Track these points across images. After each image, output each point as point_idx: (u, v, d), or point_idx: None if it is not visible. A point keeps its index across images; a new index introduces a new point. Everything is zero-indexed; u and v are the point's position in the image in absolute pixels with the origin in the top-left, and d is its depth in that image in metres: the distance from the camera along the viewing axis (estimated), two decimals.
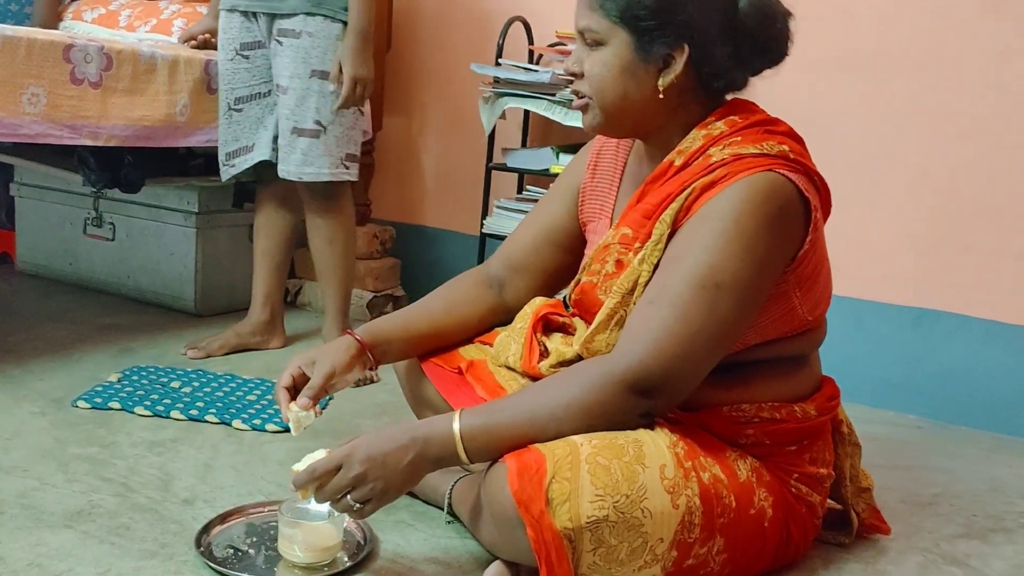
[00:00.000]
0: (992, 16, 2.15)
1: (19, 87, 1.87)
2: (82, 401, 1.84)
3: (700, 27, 1.24)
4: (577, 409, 1.19)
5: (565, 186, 1.51)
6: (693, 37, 1.24)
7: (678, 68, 1.26)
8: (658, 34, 1.24)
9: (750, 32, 1.26)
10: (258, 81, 2.17)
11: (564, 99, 2.34)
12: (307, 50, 2.08)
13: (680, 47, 1.25)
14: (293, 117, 2.10)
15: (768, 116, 1.32)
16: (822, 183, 1.30)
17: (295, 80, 2.09)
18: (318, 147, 2.11)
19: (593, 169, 1.47)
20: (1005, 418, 2.20)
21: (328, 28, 2.08)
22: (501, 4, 2.76)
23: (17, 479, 1.50)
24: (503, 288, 1.53)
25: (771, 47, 1.29)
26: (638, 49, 1.25)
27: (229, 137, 2.20)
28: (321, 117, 2.10)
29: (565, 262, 1.50)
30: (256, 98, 2.18)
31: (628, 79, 1.27)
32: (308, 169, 2.12)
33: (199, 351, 2.22)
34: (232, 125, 2.19)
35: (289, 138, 2.11)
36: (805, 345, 1.36)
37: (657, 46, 1.25)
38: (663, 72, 1.26)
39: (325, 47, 2.08)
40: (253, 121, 2.19)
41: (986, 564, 1.48)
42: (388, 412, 1.98)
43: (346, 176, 2.17)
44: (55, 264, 2.87)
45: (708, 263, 1.19)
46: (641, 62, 1.26)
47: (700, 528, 1.19)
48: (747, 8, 1.26)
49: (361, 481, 1.18)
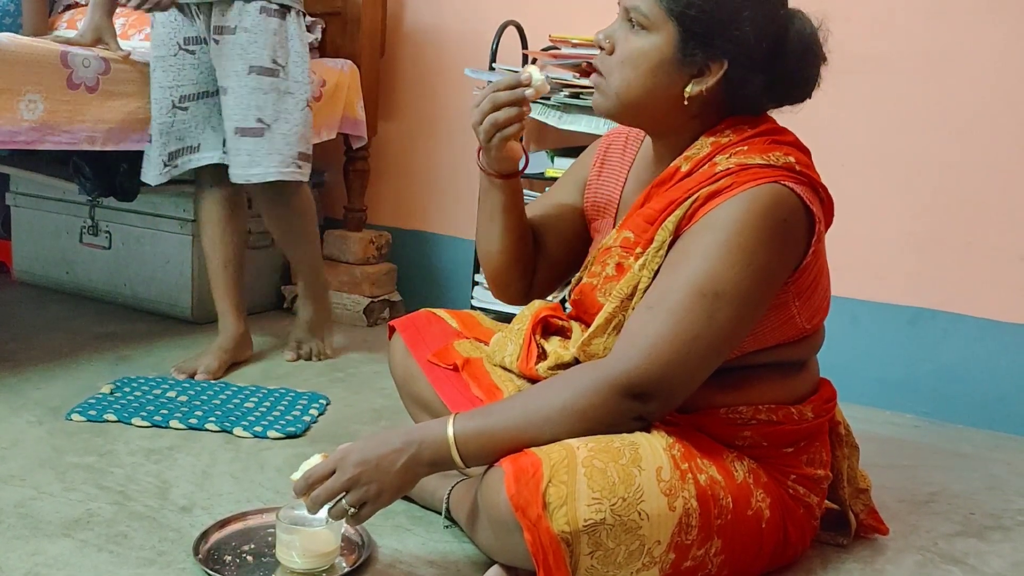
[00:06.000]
0: (990, 16, 2.16)
1: (17, 94, 1.87)
2: (76, 414, 1.83)
3: (747, 48, 1.22)
4: (571, 413, 1.19)
5: (572, 178, 1.50)
6: (737, 56, 1.22)
7: (711, 81, 1.24)
8: (705, 41, 1.22)
9: (789, 66, 1.25)
10: (206, 79, 2.09)
11: (559, 103, 2.34)
12: (243, 46, 2.02)
13: (720, 62, 1.23)
14: (235, 117, 2.03)
15: (776, 125, 1.31)
16: (826, 194, 1.29)
17: (233, 79, 2.02)
18: (263, 146, 2.04)
19: (600, 166, 1.47)
20: (1002, 416, 2.20)
21: (265, 23, 2.02)
22: (495, 9, 2.77)
23: (14, 488, 1.50)
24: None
25: (801, 86, 1.28)
26: (680, 49, 1.23)
27: (171, 137, 2.08)
28: (263, 115, 2.03)
29: (560, 249, 1.49)
30: (203, 96, 2.09)
31: (660, 75, 1.24)
32: (255, 170, 2.05)
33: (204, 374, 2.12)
34: (176, 124, 2.08)
35: (233, 139, 2.05)
36: (803, 351, 1.36)
37: (699, 53, 1.22)
38: (695, 80, 1.24)
39: (262, 42, 2.02)
40: (200, 120, 2.10)
41: (984, 562, 1.49)
42: (385, 417, 1.98)
43: (298, 176, 2.10)
44: (51, 273, 2.87)
45: (709, 272, 1.18)
46: (678, 63, 1.23)
47: (697, 530, 1.19)
48: (796, 42, 1.25)
49: (355, 484, 1.18)
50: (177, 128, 2.10)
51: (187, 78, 2.08)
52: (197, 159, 2.13)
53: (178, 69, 2.08)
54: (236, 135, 2.05)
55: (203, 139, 2.12)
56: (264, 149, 2.05)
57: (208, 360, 2.15)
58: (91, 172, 2.40)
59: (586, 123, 2.32)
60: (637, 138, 1.45)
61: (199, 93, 2.10)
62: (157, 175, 2.11)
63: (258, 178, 2.06)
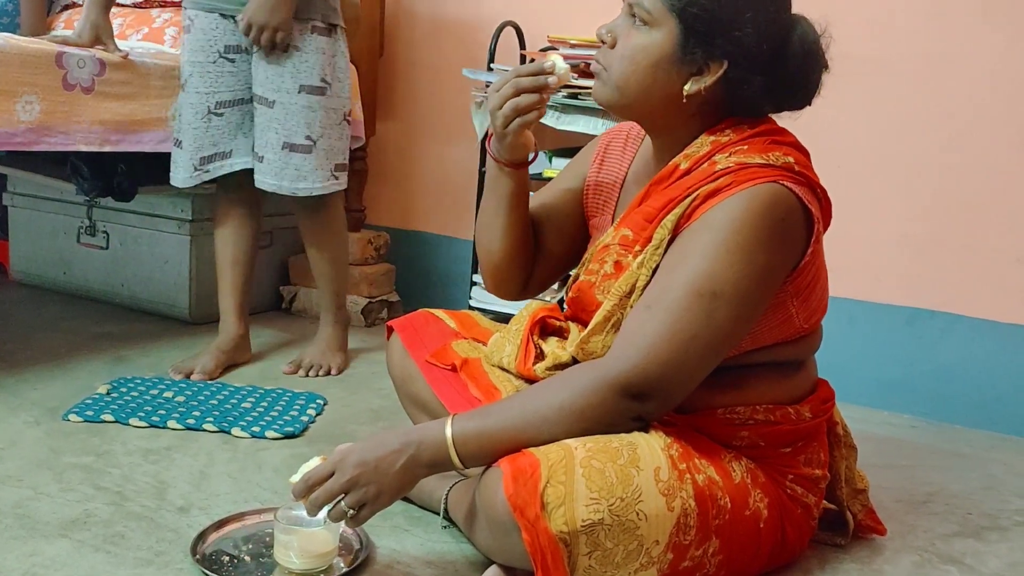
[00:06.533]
0: (986, 19, 2.16)
1: (13, 95, 1.87)
2: (74, 414, 1.83)
3: (748, 50, 1.22)
4: (569, 412, 1.19)
5: (572, 174, 1.50)
6: (737, 57, 1.22)
7: (709, 80, 1.24)
8: (706, 40, 1.22)
9: (790, 71, 1.25)
10: (242, 87, 2.12)
11: (557, 103, 2.34)
12: (295, 64, 2.05)
13: (720, 61, 1.23)
14: (284, 132, 2.08)
15: (775, 125, 1.31)
16: (824, 195, 1.29)
17: (283, 95, 2.06)
18: (311, 162, 2.11)
19: (600, 164, 1.47)
20: (999, 416, 2.21)
21: (315, 41, 2.06)
22: (493, 9, 2.77)
23: (12, 489, 1.50)
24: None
25: (802, 92, 1.29)
26: (680, 46, 1.23)
27: (206, 142, 2.12)
28: (312, 132, 2.10)
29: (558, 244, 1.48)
30: (238, 104, 2.13)
31: (659, 71, 1.24)
32: (302, 184, 2.12)
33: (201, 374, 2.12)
34: (211, 130, 2.13)
35: (280, 153, 2.10)
36: (800, 351, 1.36)
37: (700, 51, 1.23)
38: (694, 78, 1.24)
39: (313, 61, 2.06)
40: (233, 127, 2.14)
41: (981, 562, 1.49)
42: (383, 417, 1.98)
43: (336, 187, 2.19)
44: (49, 273, 2.87)
45: (707, 271, 1.18)
46: (678, 61, 1.24)
47: (696, 530, 1.19)
48: (797, 47, 1.25)
49: (354, 486, 1.18)
50: (211, 133, 2.13)
51: (224, 85, 2.11)
52: (229, 165, 2.16)
53: (216, 76, 2.10)
54: (284, 150, 2.09)
55: (235, 145, 2.15)
56: (311, 164, 2.11)
57: (205, 360, 2.15)
58: (89, 172, 2.40)
59: (584, 123, 2.32)
60: (638, 136, 1.45)
61: (235, 100, 2.13)
62: (187, 178, 2.14)
63: (304, 192, 2.13)
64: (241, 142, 2.15)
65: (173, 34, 2.47)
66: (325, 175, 2.15)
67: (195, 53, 2.10)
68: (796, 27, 1.26)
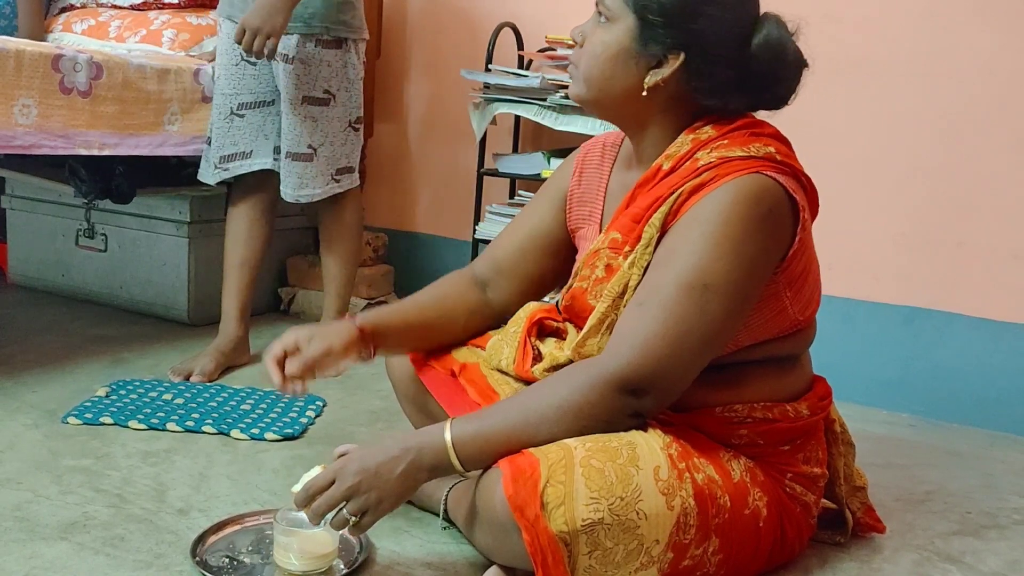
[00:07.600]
0: (979, 17, 2.17)
1: (10, 99, 1.87)
2: (72, 417, 1.82)
3: (704, 43, 1.25)
4: (567, 411, 1.19)
5: (552, 191, 1.51)
6: (693, 49, 1.25)
7: (666, 72, 1.26)
8: (661, 33, 1.25)
9: (759, 68, 1.26)
10: (264, 89, 2.18)
11: (554, 104, 2.35)
12: (299, 76, 2.11)
13: (676, 53, 1.25)
14: (287, 142, 2.15)
15: (754, 119, 1.32)
16: (808, 183, 1.30)
17: (288, 105, 2.13)
18: (311, 170, 2.18)
19: (579, 175, 1.48)
20: (997, 414, 2.21)
21: (320, 54, 2.12)
22: (491, 10, 2.77)
23: (11, 492, 1.50)
24: (486, 288, 1.53)
25: (776, 89, 1.29)
26: (637, 40, 1.26)
27: (227, 141, 2.19)
28: (313, 141, 2.16)
29: (550, 267, 1.50)
30: (260, 106, 2.19)
31: (618, 65, 1.28)
32: (303, 192, 2.19)
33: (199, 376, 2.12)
34: (232, 130, 2.19)
35: (286, 162, 2.17)
36: (796, 345, 1.36)
37: (655, 44, 1.26)
38: (653, 70, 1.27)
39: (315, 74, 2.12)
40: (254, 128, 2.19)
41: (980, 560, 1.49)
42: (382, 419, 1.98)
43: (337, 189, 2.23)
44: (47, 276, 2.87)
45: (697, 265, 1.19)
46: (635, 54, 1.27)
47: (695, 529, 1.19)
48: (760, 46, 1.26)
49: (355, 493, 1.18)
50: (233, 133, 2.19)
51: (246, 87, 2.17)
52: (248, 164, 2.21)
53: (239, 78, 2.17)
54: (288, 158, 2.16)
55: (256, 146, 2.20)
56: (312, 172, 2.18)
57: (204, 362, 2.15)
58: (87, 175, 2.40)
59: (582, 124, 2.33)
60: (615, 144, 1.46)
61: (256, 102, 2.19)
62: (212, 175, 2.23)
63: (306, 198, 2.20)
64: (262, 143, 2.20)
65: (171, 36, 2.47)
66: (325, 180, 2.20)
67: (221, 56, 2.20)
68: (763, 23, 1.27)
